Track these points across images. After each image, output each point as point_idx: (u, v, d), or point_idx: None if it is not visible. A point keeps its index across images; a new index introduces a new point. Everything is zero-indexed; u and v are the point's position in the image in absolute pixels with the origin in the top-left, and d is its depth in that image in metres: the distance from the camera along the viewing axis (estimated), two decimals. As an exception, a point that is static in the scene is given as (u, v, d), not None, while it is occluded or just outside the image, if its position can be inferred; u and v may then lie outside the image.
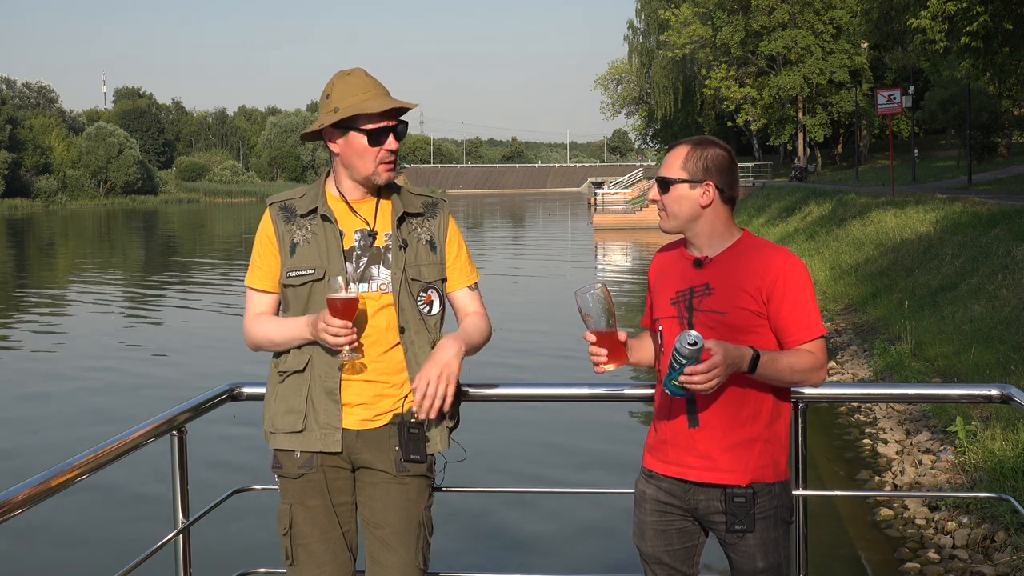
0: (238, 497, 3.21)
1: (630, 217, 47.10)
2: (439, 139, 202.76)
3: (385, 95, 2.71)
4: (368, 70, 2.75)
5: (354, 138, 2.69)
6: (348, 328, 2.60)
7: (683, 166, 2.62)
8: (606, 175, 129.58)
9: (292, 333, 2.73)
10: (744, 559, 2.61)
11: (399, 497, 2.73)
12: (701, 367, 2.35)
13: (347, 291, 2.60)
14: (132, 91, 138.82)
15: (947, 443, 7.90)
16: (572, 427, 9.92)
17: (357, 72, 2.73)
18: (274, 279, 2.79)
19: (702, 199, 2.61)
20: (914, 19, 20.22)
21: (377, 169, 2.70)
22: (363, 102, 2.67)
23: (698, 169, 2.61)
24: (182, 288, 24.86)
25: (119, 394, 12.15)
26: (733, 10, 49.64)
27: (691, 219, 2.63)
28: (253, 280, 2.82)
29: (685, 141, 2.67)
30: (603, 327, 2.57)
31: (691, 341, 2.35)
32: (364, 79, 2.71)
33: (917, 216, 18.93)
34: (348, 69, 2.75)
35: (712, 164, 2.61)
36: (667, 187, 2.64)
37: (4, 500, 2.10)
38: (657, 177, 2.68)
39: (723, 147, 2.64)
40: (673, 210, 2.64)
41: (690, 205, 2.61)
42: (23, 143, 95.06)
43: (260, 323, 2.80)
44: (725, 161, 2.62)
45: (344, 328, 2.59)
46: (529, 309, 18.61)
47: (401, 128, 2.75)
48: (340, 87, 2.70)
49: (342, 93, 2.69)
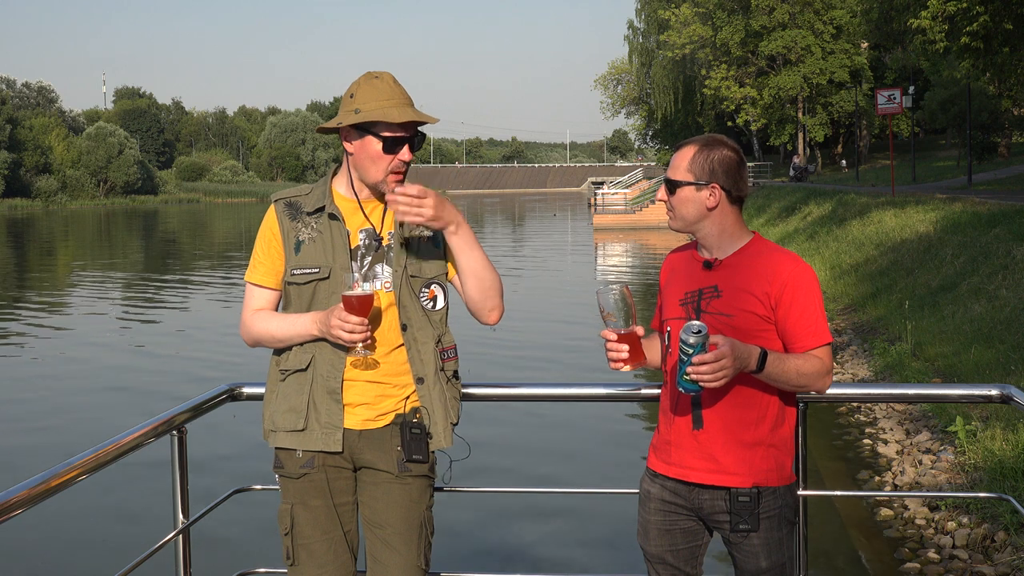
0: (238, 497, 3.21)
1: (630, 217, 47.13)
2: (439, 139, 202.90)
3: (408, 105, 2.69)
4: (370, 71, 2.75)
5: (370, 142, 2.67)
6: (364, 325, 2.60)
7: (689, 168, 2.61)
8: (606, 175, 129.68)
9: (297, 330, 2.72)
10: (748, 558, 2.61)
11: (401, 497, 2.72)
12: (708, 356, 2.34)
13: (361, 287, 2.60)
14: (132, 91, 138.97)
15: (947, 443, 7.90)
16: (574, 427, 9.92)
17: (385, 76, 2.71)
18: (276, 276, 2.78)
19: (708, 201, 2.60)
20: (914, 19, 20.21)
21: (387, 178, 2.69)
22: (385, 109, 2.65)
23: (704, 171, 2.59)
24: (182, 288, 24.86)
25: (119, 394, 12.15)
26: (733, 10, 49.62)
27: (698, 220, 2.63)
28: (255, 276, 2.81)
29: (693, 141, 2.65)
30: (622, 327, 2.58)
31: (695, 329, 2.35)
32: (391, 85, 2.69)
33: (917, 216, 18.93)
34: (377, 72, 2.73)
35: (719, 166, 2.59)
36: (674, 189, 2.64)
37: (4, 500, 2.10)
38: (664, 178, 2.68)
39: (731, 147, 2.63)
40: (680, 212, 2.64)
41: (696, 207, 2.61)
42: (23, 143, 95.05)
43: (261, 319, 2.79)
44: (732, 162, 2.60)
45: (361, 325, 2.59)
46: (529, 309, 18.60)
47: (418, 139, 2.73)
48: (366, 89, 2.68)
49: (366, 95, 2.67)
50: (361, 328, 2.59)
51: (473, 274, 2.72)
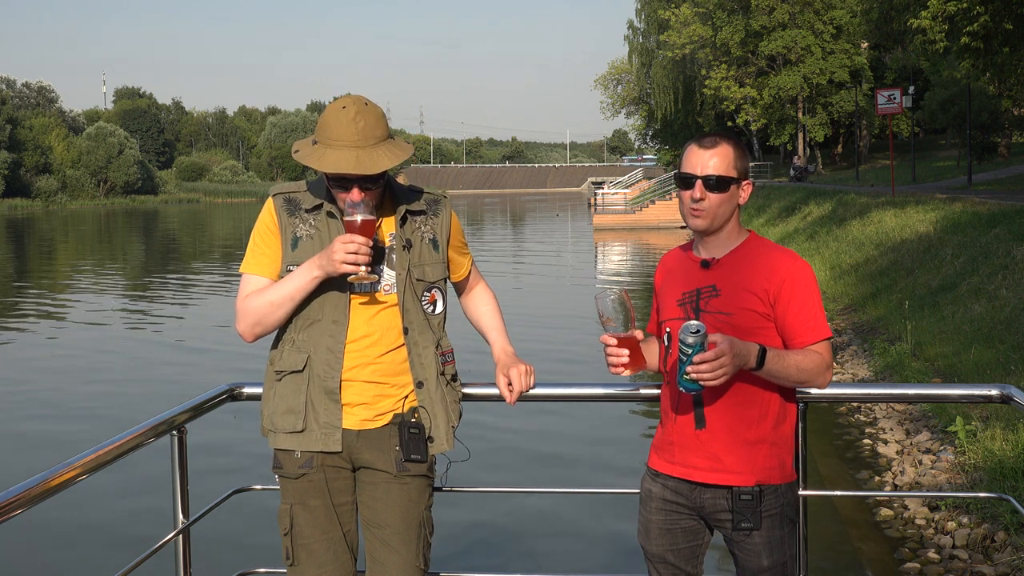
0: (238, 497, 3.21)
1: (630, 217, 47.12)
2: (439, 139, 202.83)
3: (356, 148, 2.55)
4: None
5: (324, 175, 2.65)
6: (368, 246, 2.56)
7: (735, 164, 2.60)
8: (606, 175, 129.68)
9: (296, 281, 2.65)
10: (749, 557, 2.61)
11: (400, 497, 2.72)
12: (708, 355, 2.35)
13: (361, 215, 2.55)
14: (132, 91, 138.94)
15: (947, 443, 7.89)
16: (574, 427, 9.91)
17: (348, 109, 2.58)
18: (273, 268, 2.73)
19: (741, 198, 2.63)
20: (914, 19, 20.20)
21: (346, 207, 2.61)
22: (322, 152, 2.57)
23: (743, 168, 2.62)
24: (182, 288, 24.85)
25: (119, 394, 12.14)
26: (733, 10, 49.59)
27: (727, 218, 2.62)
28: (250, 267, 2.75)
29: (724, 138, 2.63)
30: (622, 331, 2.58)
31: (694, 329, 2.35)
32: (345, 124, 2.56)
33: (917, 216, 18.92)
34: (346, 100, 2.62)
35: (748, 163, 2.67)
36: (727, 186, 2.59)
37: (4, 500, 2.10)
38: (715, 176, 2.57)
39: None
40: (720, 210, 2.59)
41: (731, 206, 2.61)
42: (23, 143, 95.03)
43: (254, 297, 2.71)
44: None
45: (365, 245, 2.55)
46: (529, 309, 18.59)
47: (371, 181, 2.60)
48: (325, 119, 2.61)
49: (322, 128, 2.61)
50: (365, 249, 2.55)
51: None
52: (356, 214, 2.56)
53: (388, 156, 2.59)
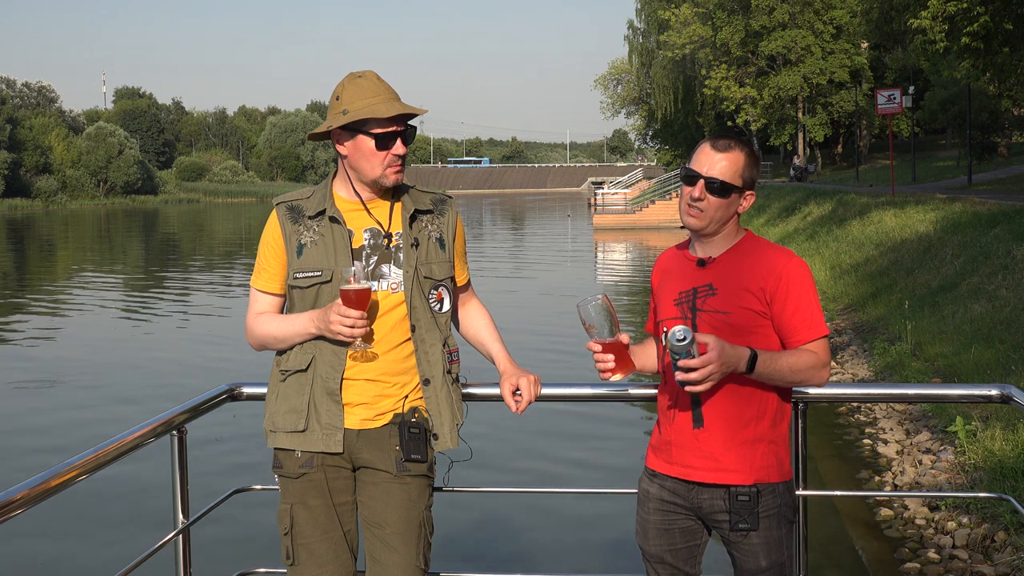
0: (238, 497, 3.22)
1: (630, 217, 47.11)
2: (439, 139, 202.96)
3: (395, 99, 2.70)
4: (353, 71, 2.76)
5: (362, 141, 2.68)
6: (363, 318, 2.60)
7: (742, 173, 2.60)
8: (606, 175, 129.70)
9: (296, 329, 2.73)
10: (747, 557, 2.61)
11: (400, 497, 2.72)
12: (694, 361, 2.35)
13: (357, 281, 2.60)
14: (132, 91, 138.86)
15: (947, 443, 7.89)
16: (574, 427, 9.91)
17: (368, 75, 2.72)
18: (279, 281, 2.79)
19: (742, 207, 2.63)
20: (914, 19, 20.20)
21: (385, 172, 2.70)
22: (373, 106, 2.66)
23: (750, 178, 2.62)
24: (182, 288, 24.84)
25: (118, 394, 12.14)
26: (733, 10, 49.58)
27: (724, 222, 2.63)
28: (259, 281, 2.83)
29: (739, 144, 2.62)
30: (607, 337, 2.57)
31: (679, 337, 2.35)
32: (375, 82, 2.71)
33: (917, 216, 18.92)
34: (359, 71, 2.74)
35: (757, 174, 2.65)
36: (728, 193, 2.59)
37: (4, 500, 2.10)
38: (719, 181, 2.57)
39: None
40: (717, 214, 2.60)
41: (730, 211, 2.61)
42: (23, 143, 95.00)
43: (263, 321, 2.81)
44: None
45: (360, 319, 2.59)
46: (530, 309, 18.59)
47: (409, 132, 2.74)
48: (351, 89, 2.70)
49: (352, 96, 2.68)
50: (361, 322, 2.59)
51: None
52: (352, 281, 2.59)
53: (417, 107, 2.73)
